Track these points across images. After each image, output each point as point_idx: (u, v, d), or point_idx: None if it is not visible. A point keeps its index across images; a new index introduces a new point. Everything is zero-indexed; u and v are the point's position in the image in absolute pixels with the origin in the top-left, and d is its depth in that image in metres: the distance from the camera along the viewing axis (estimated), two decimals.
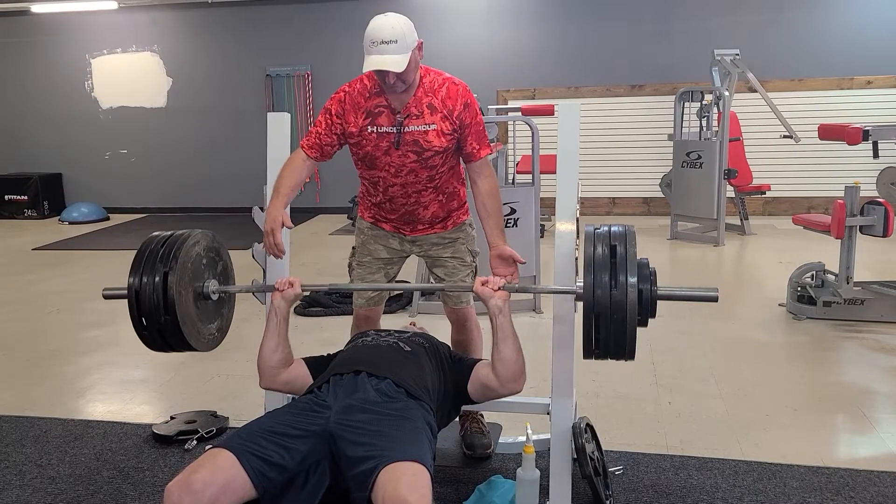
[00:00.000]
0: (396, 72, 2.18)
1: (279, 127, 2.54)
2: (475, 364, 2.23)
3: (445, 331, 2.68)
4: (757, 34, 7.47)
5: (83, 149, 9.21)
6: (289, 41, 8.50)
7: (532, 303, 4.45)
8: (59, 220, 8.72)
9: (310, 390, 2.07)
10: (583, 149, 2.51)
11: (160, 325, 2.09)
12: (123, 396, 3.32)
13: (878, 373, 3.41)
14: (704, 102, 6.51)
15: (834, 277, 4.17)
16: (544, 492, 2.21)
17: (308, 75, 8.52)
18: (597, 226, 2.03)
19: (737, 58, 6.42)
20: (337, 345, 2.44)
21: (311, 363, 2.27)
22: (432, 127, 2.33)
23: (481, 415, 2.65)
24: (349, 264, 2.69)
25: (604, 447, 2.46)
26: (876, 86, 7.34)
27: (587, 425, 2.31)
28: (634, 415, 2.96)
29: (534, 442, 2.20)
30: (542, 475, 2.21)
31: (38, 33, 8.99)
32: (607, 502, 2.25)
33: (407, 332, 2.35)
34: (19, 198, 8.91)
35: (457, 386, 2.19)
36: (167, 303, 2.07)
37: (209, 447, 1.88)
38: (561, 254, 2.19)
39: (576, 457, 2.18)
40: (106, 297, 2.26)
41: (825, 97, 7.39)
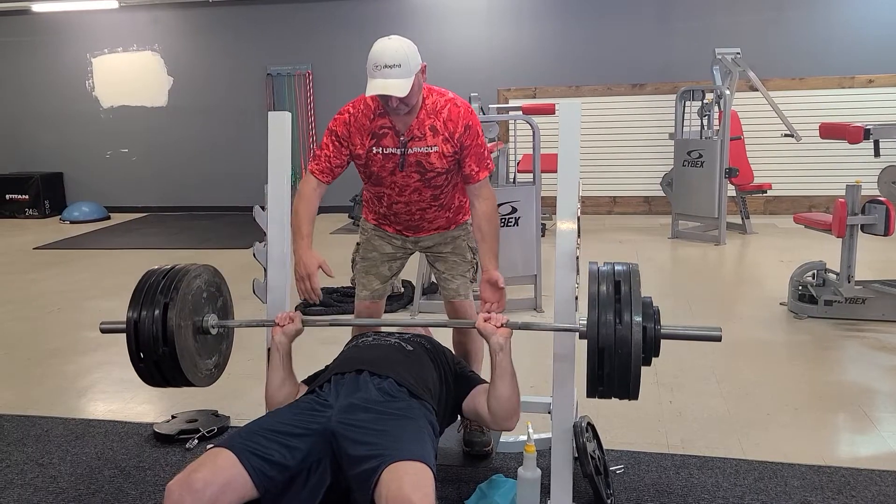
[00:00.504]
0: (399, 96, 2.18)
1: (280, 126, 2.54)
2: (476, 386, 2.21)
3: (446, 332, 2.67)
4: (758, 33, 7.46)
5: (84, 148, 9.21)
6: (289, 40, 8.50)
7: (533, 302, 4.44)
8: (59, 219, 8.72)
9: (311, 390, 2.07)
10: (584, 148, 2.50)
11: (158, 356, 2.04)
12: (124, 395, 3.32)
13: (879, 372, 3.41)
14: (705, 101, 6.49)
15: (835, 276, 4.17)
16: (545, 491, 2.22)
17: (309, 74, 8.52)
18: (600, 263, 2.00)
19: (738, 56, 6.41)
20: (337, 344, 2.45)
21: (312, 381, 2.23)
22: (434, 149, 2.34)
23: None
24: (352, 259, 2.70)
25: (605, 446, 2.46)
26: (877, 84, 7.33)
27: (588, 424, 2.31)
28: (635, 414, 2.95)
29: (535, 441, 2.20)
30: (544, 474, 2.22)
31: (39, 33, 8.99)
32: (608, 501, 2.25)
33: (408, 332, 2.36)
34: (20, 197, 8.92)
35: (455, 400, 2.20)
36: (166, 334, 2.02)
37: (210, 446, 1.88)
38: (561, 253, 2.18)
39: (577, 456, 2.18)
40: (103, 332, 2.19)
41: (826, 96, 7.38)
